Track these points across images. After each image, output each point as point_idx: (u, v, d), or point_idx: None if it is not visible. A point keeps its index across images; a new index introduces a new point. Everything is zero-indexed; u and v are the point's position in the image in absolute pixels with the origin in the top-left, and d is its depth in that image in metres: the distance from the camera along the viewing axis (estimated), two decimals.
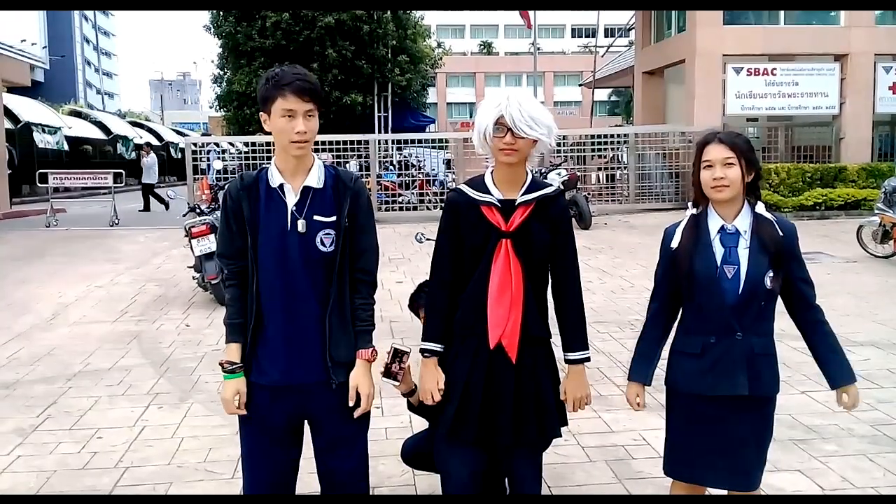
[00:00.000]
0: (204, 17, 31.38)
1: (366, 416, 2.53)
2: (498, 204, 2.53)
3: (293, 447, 2.56)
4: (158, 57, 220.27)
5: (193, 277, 8.31)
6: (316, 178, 2.45)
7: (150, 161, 21.68)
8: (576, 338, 2.64)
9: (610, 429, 4.45)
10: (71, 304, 8.34)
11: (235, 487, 3.79)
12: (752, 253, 2.46)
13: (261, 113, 2.42)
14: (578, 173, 15.42)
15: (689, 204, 2.62)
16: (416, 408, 2.99)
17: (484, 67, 62.63)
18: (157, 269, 10.56)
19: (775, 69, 16.77)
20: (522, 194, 2.54)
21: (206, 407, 4.91)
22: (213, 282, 7.87)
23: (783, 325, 2.76)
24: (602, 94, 49.79)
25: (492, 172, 2.59)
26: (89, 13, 72.41)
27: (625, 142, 17.25)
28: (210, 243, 7.90)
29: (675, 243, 2.55)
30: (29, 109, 26.10)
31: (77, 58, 72.91)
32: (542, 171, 15.57)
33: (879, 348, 5.94)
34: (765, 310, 2.51)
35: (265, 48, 24.61)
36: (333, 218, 2.43)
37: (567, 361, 2.65)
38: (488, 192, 2.55)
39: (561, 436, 2.74)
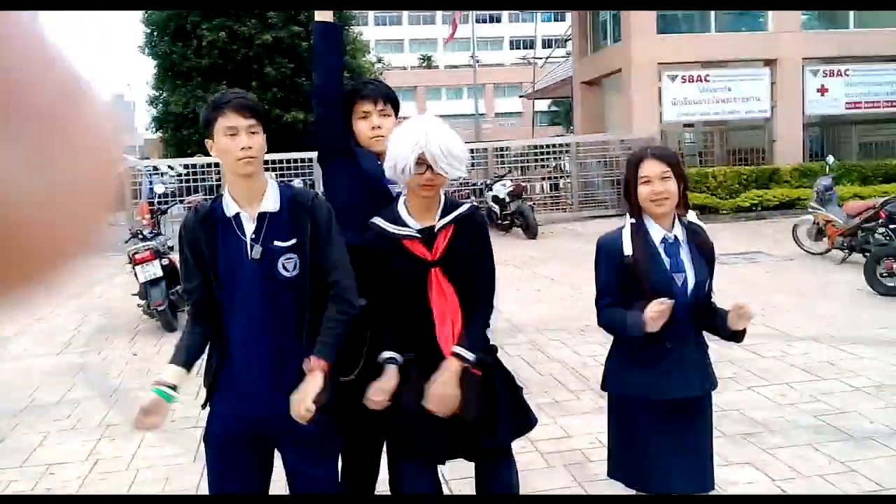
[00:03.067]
0: (138, 37, 30.73)
1: (333, 442, 2.51)
2: (418, 235, 2.52)
3: (262, 469, 2.52)
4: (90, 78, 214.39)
5: (138, 305, 8.15)
6: (272, 202, 2.40)
7: None
8: (468, 335, 2.54)
9: (567, 434, 4.52)
10: (10, 338, 8.08)
11: None
12: (695, 260, 2.58)
13: (206, 140, 2.39)
14: (523, 183, 15.62)
15: (627, 215, 2.68)
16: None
17: (425, 81, 62.91)
18: (98, 297, 10.32)
19: (708, 76, 17.29)
20: (440, 219, 2.55)
21: (160, 437, 4.82)
22: (159, 308, 7.73)
23: None
24: (542, 105, 50.39)
25: (405, 202, 2.57)
26: None
27: (566, 151, 17.55)
28: (155, 269, 7.76)
29: (628, 252, 2.58)
30: None
31: None
32: (488, 182, 15.75)
33: (819, 342, 6.16)
34: (703, 314, 2.65)
35: (202, 68, 24.31)
36: (293, 241, 2.38)
37: (452, 352, 2.52)
38: (405, 224, 2.53)
39: (535, 424, 2.84)
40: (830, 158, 11.51)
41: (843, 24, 18.13)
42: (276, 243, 2.37)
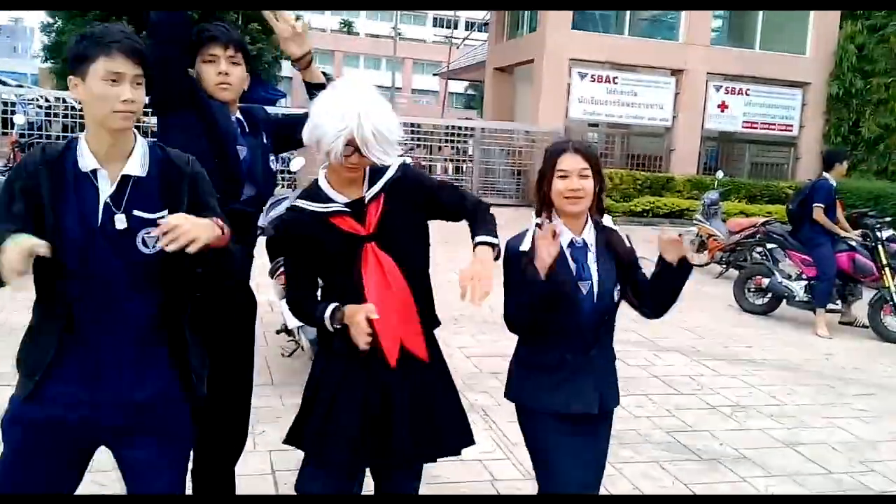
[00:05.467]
0: None
1: (185, 445, 2.16)
2: (347, 209, 2.26)
3: (78, 468, 2.10)
4: None
5: None
6: (139, 165, 1.99)
7: None
8: (485, 227, 2.30)
9: None
10: None
11: None
12: (602, 267, 2.40)
13: (70, 77, 1.95)
14: (425, 163, 15.36)
15: (533, 215, 2.44)
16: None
17: (343, 47, 61.53)
18: None
19: (617, 78, 17.47)
20: (367, 190, 2.29)
21: None
22: None
23: None
24: (459, 87, 50.28)
25: (325, 176, 2.29)
26: None
27: (472, 135, 17.38)
28: None
29: (525, 248, 2.35)
30: None
31: None
32: None
33: (684, 355, 6.18)
34: (609, 324, 2.49)
35: None
36: (163, 213, 1.96)
37: (476, 245, 2.26)
38: (331, 200, 2.27)
39: (474, 443, 2.53)
40: (720, 173, 11.79)
41: (749, 44, 18.67)
42: (139, 213, 1.97)
